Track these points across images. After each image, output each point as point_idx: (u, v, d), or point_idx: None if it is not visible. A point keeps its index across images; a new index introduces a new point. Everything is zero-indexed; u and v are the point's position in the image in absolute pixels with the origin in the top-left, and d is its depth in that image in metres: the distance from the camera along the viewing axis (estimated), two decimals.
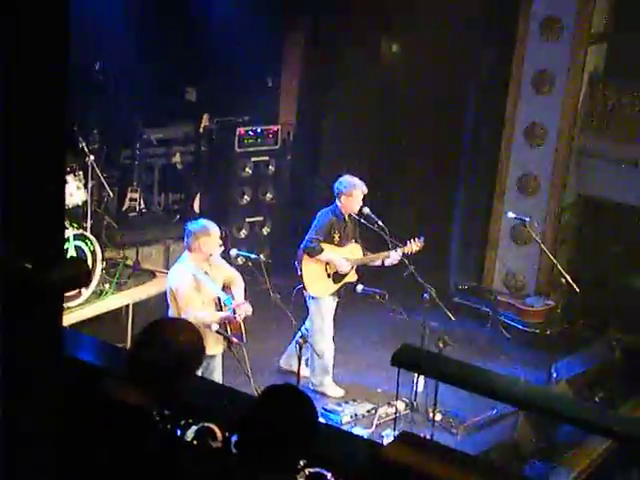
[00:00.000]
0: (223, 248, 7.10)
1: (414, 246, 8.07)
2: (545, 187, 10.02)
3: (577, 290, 8.29)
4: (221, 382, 6.75)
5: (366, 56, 10.80)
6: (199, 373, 5.25)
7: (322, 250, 7.93)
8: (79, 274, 2.31)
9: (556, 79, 9.74)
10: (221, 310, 6.85)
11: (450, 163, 10.63)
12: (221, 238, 7.05)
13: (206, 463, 3.16)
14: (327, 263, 8.02)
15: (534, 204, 10.01)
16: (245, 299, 6.97)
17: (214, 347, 6.84)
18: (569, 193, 10.14)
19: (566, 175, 9.98)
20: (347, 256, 8.09)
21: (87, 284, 7.22)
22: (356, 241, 8.16)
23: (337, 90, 10.90)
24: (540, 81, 9.82)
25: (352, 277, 8.15)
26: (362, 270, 8.26)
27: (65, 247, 7.57)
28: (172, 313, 6.78)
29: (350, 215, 8.01)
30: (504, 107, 10.12)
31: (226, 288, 7.01)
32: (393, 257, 8.01)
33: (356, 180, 8.00)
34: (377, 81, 10.85)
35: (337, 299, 8.20)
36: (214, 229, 6.86)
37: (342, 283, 8.13)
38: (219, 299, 6.88)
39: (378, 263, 8.16)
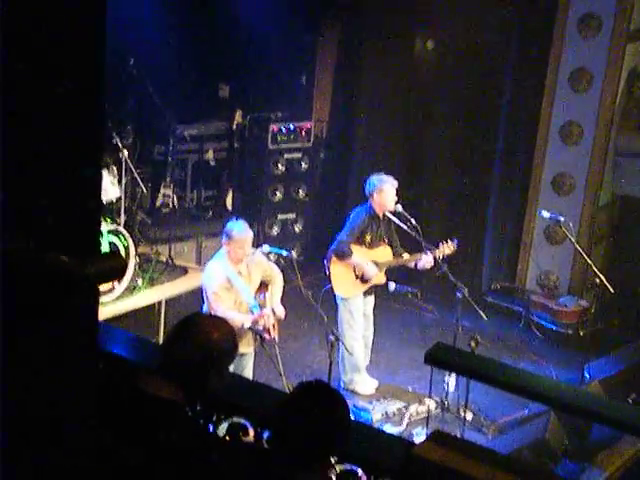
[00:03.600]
0: (253, 251, 7.06)
1: (446, 249, 7.99)
2: (580, 186, 9.93)
3: (611, 290, 8.21)
4: None
5: (400, 54, 10.76)
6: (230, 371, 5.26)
7: (351, 254, 7.89)
8: (115, 267, 2.31)
9: (593, 77, 9.64)
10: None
11: (484, 162, 10.56)
12: (253, 235, 7.03)
13: (238, 458, 3.16)
14: (355, 266, 7.99)
15: (569, 203, 9.92)
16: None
17: (246, 346, 6.85)
18: (604, 193, 10.04)
19: (602, 174, 9.89)
20: (377, 258, 8.04)
21: (122, 277, 7.25)
22: (389, 243, 8.11)
23: (371, 87, 10.87)
24: (577, 79, 9.73)
25: (381, 279, 8.10)
26: (395, 269, 8.22)
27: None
28: (206, 309, 6.80)
29: (384, 215, 7.97)
30: (540, 105, 10.04)
31: (263, 286, 7.03)
32: (425, 260, 7.94)
33: (384, 176, 7.96)
34: (411, 79, 10.81)
35: (368, 296, 8.17)
36: (239, 233, 6.80)
37: (370, 284, 8.09)
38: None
39: (410, 265, 8.12)
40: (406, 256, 8.12)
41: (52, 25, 2.34)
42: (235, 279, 6.81)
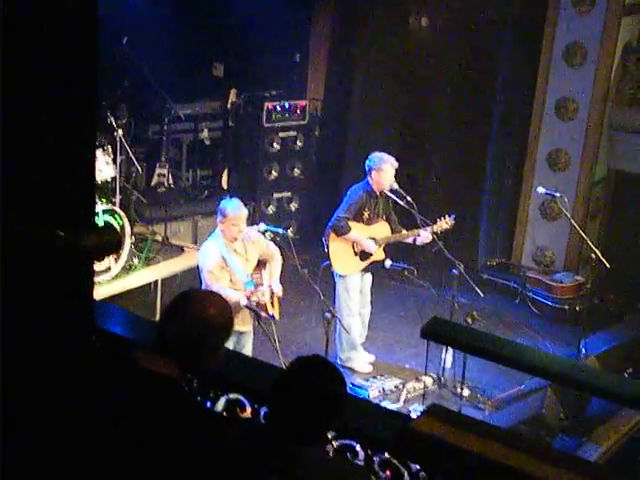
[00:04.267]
0: (248, 229, 7.05)
1: (444, 224, 8.00)
2: (576, 162, 9.92)
3: (607, 265, 8.21)
4: None
5: (395, 30, 10.71)
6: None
7: (350, 229, 7.90)
8: (111, 241, 2.31)
9: (588, 52, 9.61)
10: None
11: (480, 138, 10.54)
12: (249, 214, 7.02)
13: (235, 435, 3.16)
14: (354, 241, 8.00)
15: (564, 179, 9.92)
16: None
17: (244, 324, 6.85)
18: (600, 168, 10.04)
19: (597, 150, 9.88)
20: (375, 234, 8.05)
21: (118, 252, 7.23)
22: (386, 219, 8.12)
23: (365, 65, 10.84)
24: (572, 54, 9.70)
25: (379, 255, 8.12)
26: (391, 246, 8.23)
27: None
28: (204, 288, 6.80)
29: (382, 192, 7.97)
30: (534, 81, 10.02)
31: (261, 264, 7.02)
32: (423, 236, 7.96)
33: (386, 155, 7.95)
34: (405, 55, 10.76)
35: (366, 273, 8.18)
36: (233, 211, 6.78)
37: (369, 261, 8.11)
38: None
39: (409, 240, 8.13)
40: (404, 232, 8.13)
41: (44, 6, 2.34)
42: (230, 258, 6.80)
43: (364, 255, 8.05)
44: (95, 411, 2.91)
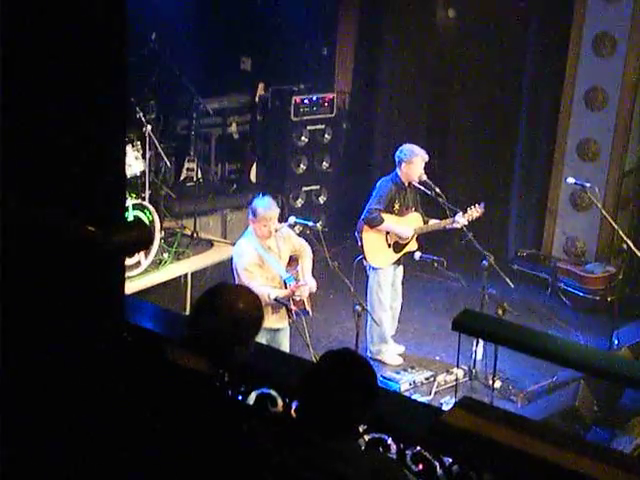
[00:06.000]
0: (279, 225, 7.04)
1: (474, 212, 8.00)
2: (606, 152, 9.83)
3: (639, 255, 8.14)
4: None
5: (421, 22, 10.68)
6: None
7: (383, 220, 7.90)
8: (141, 237, 2.32)
9: (617, 41, 9.52)
10: (285, 287, 6.84)
11: (508, 129, 10.49)
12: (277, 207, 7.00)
13: (266, 429, 3.17)
14: (388, 233, 7.99)
15: (594, 169, 9.84)
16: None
17: (279, 321, 6.84)
18: (630, 158, 9.94)
19: (627, 139, 9.78)
20: (408, 225, 8.05)
21: (149, 247, 7.26)
22: (416, 210, 8.11)
23: (392, 58, 10.81)
24: (601, 43, 9.61)
25: (413, 246, 8.11)
26: (420, 238, 8.22)
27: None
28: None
29: (410, 183, 7.96)
30: (563, 71, 9.94)
31: (293, 261, 7.02)
32: (456, 223, 7.95)
33: (417, 148, 7.94)
34: (433, 47, 10.73)
35: (398, 266, 8.18)
36: (264, 210, 6.77)
37: (403, 252, 8.10)
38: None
39: (439, 228, 8.12)
40: (436, 221, 8.11)
41: (73, 2, 2.35)
42: (265, 254, 6.80)
43: (397, 247, 8.05)
44: (127, 407, 2.93)
